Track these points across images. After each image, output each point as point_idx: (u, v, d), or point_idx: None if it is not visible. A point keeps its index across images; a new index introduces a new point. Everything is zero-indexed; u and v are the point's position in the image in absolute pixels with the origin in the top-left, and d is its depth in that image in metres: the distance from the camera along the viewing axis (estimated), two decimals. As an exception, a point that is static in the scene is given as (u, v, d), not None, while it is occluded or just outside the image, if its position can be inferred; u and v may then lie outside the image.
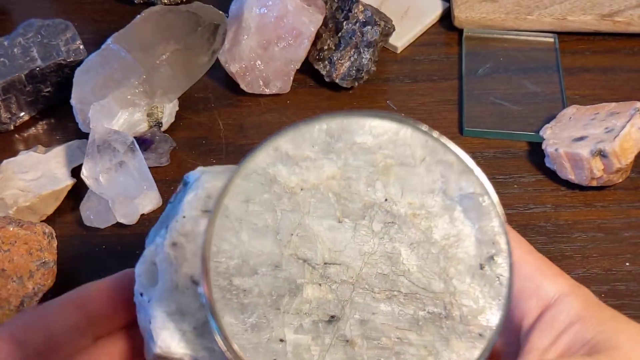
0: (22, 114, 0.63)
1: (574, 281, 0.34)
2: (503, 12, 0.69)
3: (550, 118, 0.61)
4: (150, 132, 0.60)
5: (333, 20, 0.65)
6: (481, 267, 0.26)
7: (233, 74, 0.64)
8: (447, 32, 0.71)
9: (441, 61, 0.68)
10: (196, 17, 0.60)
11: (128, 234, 0.56)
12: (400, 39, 0.69)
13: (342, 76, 0.64)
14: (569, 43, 0.69)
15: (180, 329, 0.29)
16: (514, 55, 0.68)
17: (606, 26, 0.68)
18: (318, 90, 0.66)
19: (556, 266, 0.34)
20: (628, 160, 0.55)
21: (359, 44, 0.64)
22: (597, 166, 0.55)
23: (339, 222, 0.26)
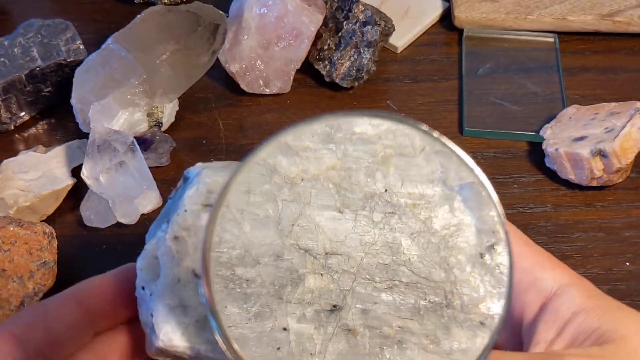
0: (23, 114, 0.63)
1: (574, 272, 0.34)
2: (503, 12, 0.69)
3: (550, 118, 0.61)
4: (151, 132, 0.60)
5: (333, 20, 0.65)
6: (481, 256, 0.26)
7: (233, 74, 0.64)
8: (447, 32, 0.71)
9: (441, 61, 0.68)
10: (196, 17, 0.61)
11: (128, 234, 0.56)
12: (401, 39, 0.69)
13: (342, 76, 0.64)
14: (569, 43, 0.69)
15: (182, 323, 0.29)
16: (514, 55, 0.68)
17: (606, 26, 0.68)
18: (318, 90, 0.66)
19: (555, 258, 0.34)
20: (628, 160, 0.55)
21: (359, 43, 0.64)
22: (597, 166, 0.55)
23: (340, 212, 0.26)
